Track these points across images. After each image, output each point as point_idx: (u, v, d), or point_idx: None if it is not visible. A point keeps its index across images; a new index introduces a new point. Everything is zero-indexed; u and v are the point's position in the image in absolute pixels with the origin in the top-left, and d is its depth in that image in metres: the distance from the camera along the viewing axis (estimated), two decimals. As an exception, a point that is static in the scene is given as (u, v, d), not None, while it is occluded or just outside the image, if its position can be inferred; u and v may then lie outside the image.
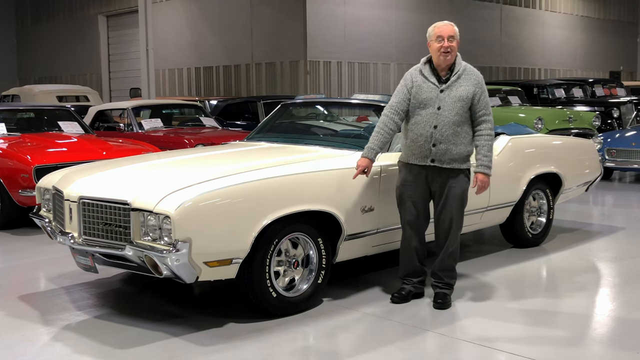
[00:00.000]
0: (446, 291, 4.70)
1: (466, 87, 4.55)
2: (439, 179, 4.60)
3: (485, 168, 4.56)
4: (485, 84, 4.76)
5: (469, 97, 4.53)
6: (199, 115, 10.96)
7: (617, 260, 6.02)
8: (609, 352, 3.97)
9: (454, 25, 4.64)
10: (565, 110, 12.49)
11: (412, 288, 4.79)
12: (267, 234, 4.25)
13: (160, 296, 5.00)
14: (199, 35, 19.48)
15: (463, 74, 4.58)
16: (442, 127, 4.52)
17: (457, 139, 4.53)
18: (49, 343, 4.11)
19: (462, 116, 4.54)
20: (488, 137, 4.57)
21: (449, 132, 4.51)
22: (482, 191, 4.63)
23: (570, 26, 25.40)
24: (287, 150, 5.28)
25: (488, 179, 4.59)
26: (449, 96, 4.53)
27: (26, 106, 10.40)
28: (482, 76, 4.66)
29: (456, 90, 4.54)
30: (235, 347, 3.97)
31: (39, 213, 5.11)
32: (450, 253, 4.68)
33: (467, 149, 4.59)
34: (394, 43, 18.76)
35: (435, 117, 4.53)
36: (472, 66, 4.69)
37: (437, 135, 4.52)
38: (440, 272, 4.71)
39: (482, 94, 4.58)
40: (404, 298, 4.75)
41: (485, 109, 4.58)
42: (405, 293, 4.77)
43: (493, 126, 4.63)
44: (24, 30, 27.22)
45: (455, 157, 4.55)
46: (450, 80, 4.57)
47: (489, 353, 3.91)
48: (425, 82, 4.60)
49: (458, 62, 4.61)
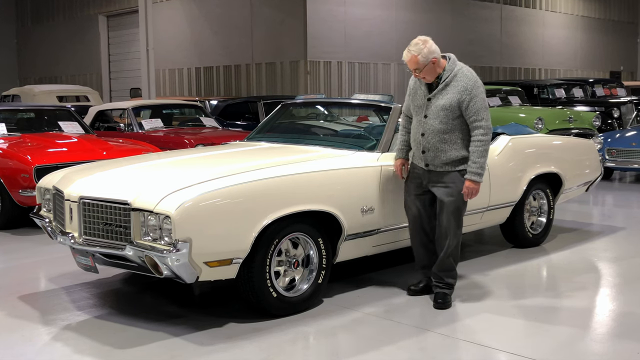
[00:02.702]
0: (446, 291, 4.71)
1: (451, 95, 4.50)
2: (435, 180, 4.64)
3: (473, 175, 4.50)
4: (485, 84, 4.73)
5: (452, 106, 4.50)
6: (199, 116, 10.96)
7: (617, 260, 6.02)
8: (609, 352, 3.97)
9: (416, 53, 4.44)
10: (565, 110, 12.48)
11: (428, 281, 4.85)
12: (267, 234, 4.25)
13: (160, 296, 5.00)
14: (199, 35, 19.48)
15: (452, 81, 4.52)
16: (428, 135, 4.58)
17: (445, 145, 4.55)
18: (49, 343, 4.11)
19: (449, 124, 4.52)
20: (478, 143, 4.49)
21: (435, 139, 4.56)
22: (470, 197, 4.59)
23: (570, 26, 25.40)
24: (287, 151, 5.28)
25: (477, 186, 4.53)
26: (434, 105, 4.56)
27: (26, 106, 10.40)
28: (474, 81, 4.52)
29: (441, 99, 4.53)
30: (235, 347, 3.97)
31: (39, 213, 5.11)
32: (449, 253, 4.68)
33: (460, 153, 4.56)
34: (394, 43, 18.75)
35: (423, 125, 4.60)
36: (469, 68, 4.63)
37: (424, 142, 4.60)
38: (440, 272, 4.72)
39: (470, 100, 4.47)
40: (421, 291, 4.86)
41: (475, 114, 4.48)
42: (423, 286, 4.88)
43: (487, 131, 4.50)
44: (24, 30, 27.22)
45: (447, 162, 4.57)
46: (437, 89, 4.56)
47: (489, 353, 3.92)
48: (420, 88, 4.67)
49: (448, 68, 4.54)
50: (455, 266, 4.76)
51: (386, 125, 5.27)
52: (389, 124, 5.25)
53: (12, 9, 27.52)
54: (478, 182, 4.53)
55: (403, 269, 5.58)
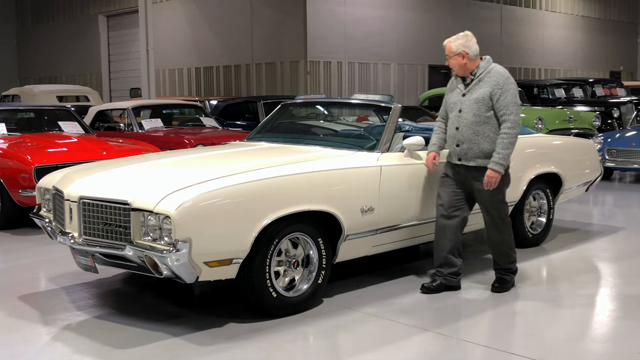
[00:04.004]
0: (505, 276, 5.01)
1: (484, 89, 4.79)
2: (469, 176, 4.89)
3: (495, 164, 4.72)
4: None
5: (485, 99, 4.77)
6: (199, 115, 10.96)
7: (617, 260, 6.02)
8: (609, 352, 3.97)
9: (452, 41, 4.87)
10: (565, 110, 12.48)
11: (443, 280, 4.98)
12: (267, 234, 4.25)
13: (160, 296, 5.00)
14: (199, 35, 19.48)
15: (485, 77, 4.81)
16: (462, 128, 4.84)
17: (478, 138, 4.79)
18: (49, 343, 4.11)
19: (481, 117, 4.78)
20: (505, 136, 4.72)
21: (469, 132, 4.81)
22: (489, 187, 4.78)
23: (570, 26, 25.40)
24: (287, 150, 5.28)
25: (497, 175, 4.74)
26: (469, 99, 4.84)
27: (26, 106, 10.40)
28: (507, 77, 4.80)
29: (474, 93, 4.83)
30: (235, 347, 3.97)
31: (39, 213, 5.11)
32: (501, 241, 4.96)
33: (492, 147, 4.79)
34: (394, 43, 18.76)
35: (458, 119, 4.88)
36: (503, 67, 4.88)
37: (459, 136, 4.86)
38: (497, 257, 5.02)
39: (501, 94, 4.74)
40: (434, 289, 4.96)
41: (505, 108, 4.73)
42: (436, 285, 4.98)
43: (515, 125, 4.72)
44: (24, 30, 27.23)
45: (479, 155, 4.81)
46: (471, 84, 4.85)
47: (489, 353, 3.91)
48: (456, 87, 4.97)
49: (482, 66, 4.85)
50: (510, 252, 5.01)
51: (386, 125, 5.27)
52: (389, 124, 5.25)
53: (12, 9, 27.52)
54: (499, 172, 4.73)
55: (403, 268, 5.58)
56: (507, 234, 4.99)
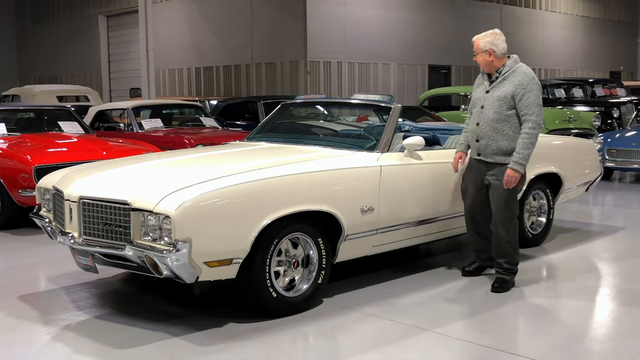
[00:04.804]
0: (505, 276, 5.03)
1: (507, 87, 4.87)
2: (487, 171, 5.00)
3: (515, 164, 4.82)
4: None
5: (507, 97, 4.85)
6: (199, 115, 10.96)
7: (617, 260, 6.02)
8: (609, 352, 3.97)
9: (480, 38, 5.02)
10: (565, 110, 12.48)
11: (481, 262, 5.31)
12: (267, 234, 4.25)
13: (160, 296, 5.00)
14: (199, 35, 19.48)
15: (510, 76, 4.90)
16: (483, 124, 4.95)
17: (497, 135, 4.89)
18: (49, 343, 4.11)
19: (502, 114, 4.87)
20: (525, 135, 4.79)
21: (488, 128, 4.91)
22: (509, 185, 4.85)
23: (570, 26, 25.41)
24: (287, 150, 5.28)
25: (517, 174, 4.82)
26: (491, 96, 4.94)
27: (26, 106, 10.40)
28: (531, 77, 4.85)
29: (497, 90, 4.92)
30: (235, 347, 3.97)
31: (39, 213, 5.11)
32: (505, 240, 5.00)
33: (510, 145, 4.89)
34: (394, 43, 18.76)
35: (479, 115, 4.99)
36: (528, 67, 4.96)
37: (479, 131, 4.97)
38: (498, 257, 5.06)
39: (524, 94, 4.81)
40: (474, 272, 5.32)
41: (527, 108, 4.80)
42: (475, 268, 5.34)
43: (536, 125, 4.80)
44: (24, 30, 27.23)
45: (497, 151, 4.91)
46: (496, 82, 4.96)
47: (489, 353, 3.91)
48: (482, 84, 5.08)
49: (509, 64, 4.94)
50: (512, 252, 5.04)
51: (386, 125, 5.27)
52: (389, 124, 5.25)
53: (12, 10, 27.53)
54: (518, 172, 4.81)
55: (403, 268, 5.58)
56: (513, 234, 5.03)
